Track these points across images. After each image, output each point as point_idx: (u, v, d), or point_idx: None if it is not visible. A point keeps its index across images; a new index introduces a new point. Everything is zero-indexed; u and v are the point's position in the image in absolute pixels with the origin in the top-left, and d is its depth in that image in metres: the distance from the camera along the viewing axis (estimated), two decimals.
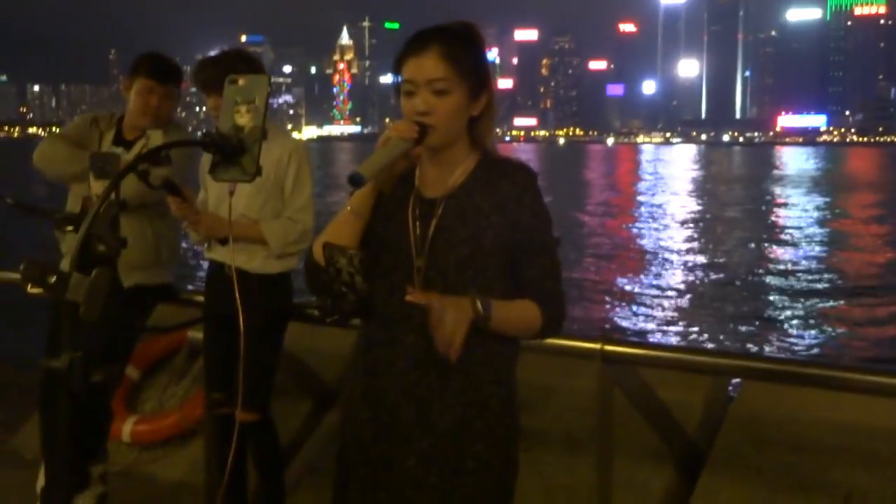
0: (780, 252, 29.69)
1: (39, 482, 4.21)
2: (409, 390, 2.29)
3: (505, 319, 2.26)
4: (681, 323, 18.37)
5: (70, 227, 1.87)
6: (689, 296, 21.34)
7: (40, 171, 4.10)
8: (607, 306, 19.71)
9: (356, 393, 2.39)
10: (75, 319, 1.54)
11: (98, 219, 1.63)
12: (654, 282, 23.28)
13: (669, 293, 21.61)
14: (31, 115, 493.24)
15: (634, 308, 19.73)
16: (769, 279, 23.99)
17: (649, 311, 19.40)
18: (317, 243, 2.36)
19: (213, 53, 4.05)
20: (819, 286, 23.07)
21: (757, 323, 18.24)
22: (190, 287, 5.55)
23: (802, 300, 20.92)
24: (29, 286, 1.57)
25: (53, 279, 1.54)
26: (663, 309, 19.70)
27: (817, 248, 30.76)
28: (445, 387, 2.27)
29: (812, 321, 18.75)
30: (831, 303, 20.75)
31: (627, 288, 22.24)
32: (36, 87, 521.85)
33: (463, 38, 2.31)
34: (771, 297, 21.26)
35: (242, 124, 1.81)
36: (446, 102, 2.25)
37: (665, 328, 17.81)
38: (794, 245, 31.72)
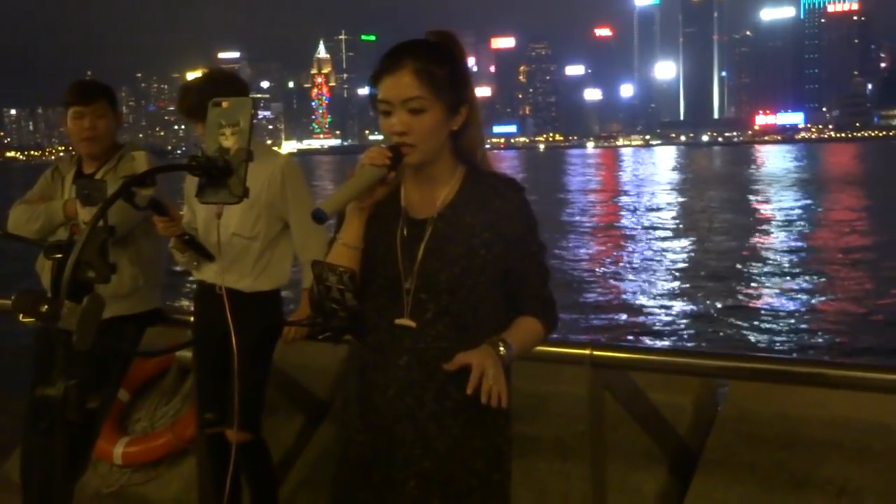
0: (763, 250, 29.80)
1: None
2: (406, 412, 2.27)
3: (520, 349, 2.29)
4: (668, 325, 18.41)
5: (59, 255, 1.87)
6: (675, 298, 21.40)
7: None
8: (595, 311, 19.72)
9: (353, 415, 2.36)
10: (69, 348, 1.54)
11: (87, 245, 1.63)
12: (641, 285, 23.31)
13: (656, 296, 21.65)
14: (9, 139, 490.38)
15: (622, 312, 19.76)
16: (754, 277, 24.10)
17: (637, 315, 19.43)
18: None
19: (193, 76, 4.01)
20: (803, 282, 23.18)
21: (743, 322, 18.31)
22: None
23: (787, 297, 21.03)
24: (21, 315, 1.57)
25: (45, 308, 1.54)
26: (651, 312, 19.73)
27: (800, 245, 30.91)
28: (441, 407, 2.26)
29: (797, 318, 18.83)
30: (815, 299, 20.86)
31: (614, 292, 22.27)
32: (13, 111, 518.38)
33: (438, 52, 2.25)
34: (756, 296, 21.36)
35: (228, 146, 1.81)
36: (423, 121, 2.20)
37: (653, 331, 17.84)
38: (778, 242, 31.87)
